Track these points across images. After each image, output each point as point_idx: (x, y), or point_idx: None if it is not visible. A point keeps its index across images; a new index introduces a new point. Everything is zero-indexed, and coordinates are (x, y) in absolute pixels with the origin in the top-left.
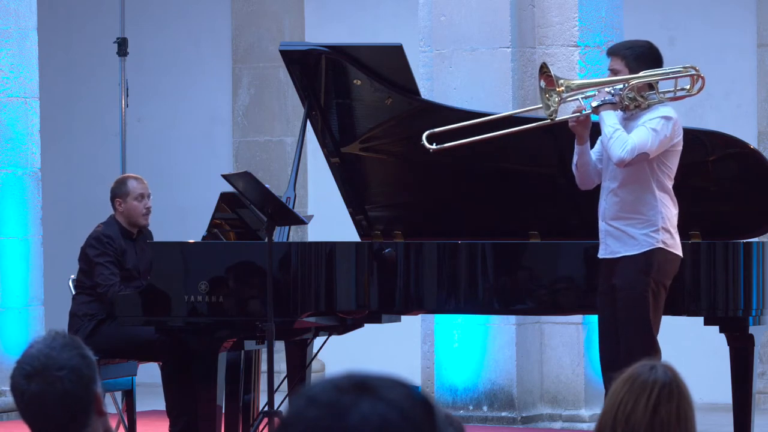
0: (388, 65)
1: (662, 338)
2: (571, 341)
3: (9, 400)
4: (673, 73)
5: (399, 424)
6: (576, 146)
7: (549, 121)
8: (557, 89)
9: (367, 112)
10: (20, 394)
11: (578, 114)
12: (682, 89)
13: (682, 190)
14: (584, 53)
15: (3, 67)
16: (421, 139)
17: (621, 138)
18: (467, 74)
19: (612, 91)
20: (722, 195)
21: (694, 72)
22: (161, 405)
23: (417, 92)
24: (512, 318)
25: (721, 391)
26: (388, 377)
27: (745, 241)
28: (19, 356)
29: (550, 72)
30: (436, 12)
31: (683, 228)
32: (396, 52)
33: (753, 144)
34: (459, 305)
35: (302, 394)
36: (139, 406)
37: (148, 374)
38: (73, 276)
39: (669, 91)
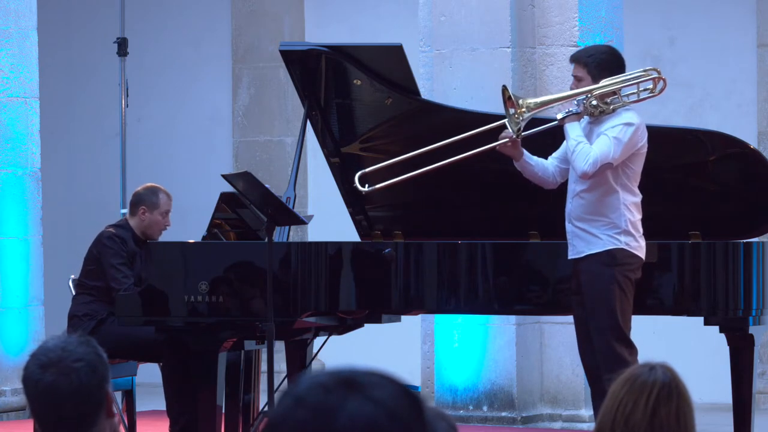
0: (388, 65)
1: (662, 338)
2: (571, 341)
3: (9, 399)
4: (635, 78)
5: (387, 425)
6: (515, 164)
7: (517, 138)
8: (518, 110)
9: (367, 112)
10: (34, 384)
11: (505, 140)
12: (645, 90)
13: (682, 190)
14: None
15: (3, 67)
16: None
17: (584, 151)
18: (467, 74)
19: (576, 101)
20: (722, 195)
21: (655, 74)
22: (161, 405)
23: (417, 92)
24: (512, 318)
25: (721, 391)
26: (376, 373)
27: (745, 241)
28: (32, 352)
29: (509, 93)
30: (436, 12)
31: (683, 228)
32: (396, 52)
33: (753, 144)
34: (459, 305)
35: (289, 393)
36: (139, 406)
37: (148, 374)
38: (73, 276)
39: (632, 94)
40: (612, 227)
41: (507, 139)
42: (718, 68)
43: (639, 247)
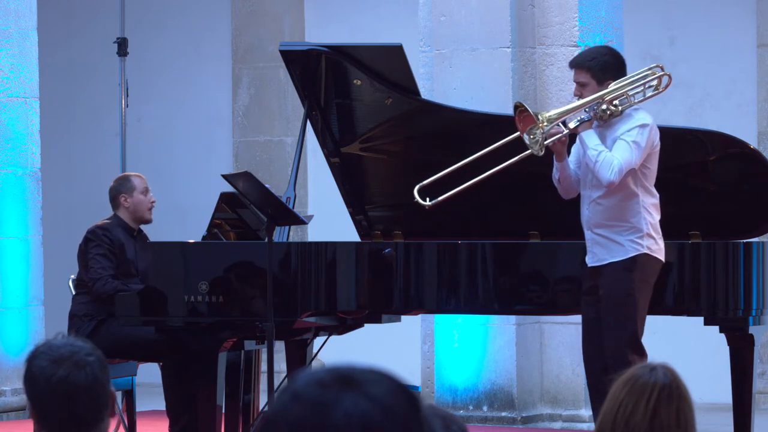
0: (388, 65)
1: (662, 338)
2: (571, 341)
3: (9, 399)
4: (641, 77)
5: (382, 421)
6: (556, 163)
7: (539, 153)
8: (539, 125)
9: (367, 112)
10: (46, 380)
11: (559, 135)
12: (651, 87)
13: (682, 190)
14: None
15: (3, 67)
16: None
17: (607, 160)
18: (467, 74)
19: (585, 108)
20: (722, 195)
21: (660, 72)
22: (161, 405)
23: (417, 92)
24: (512, 318)
25: (721, 391)
26: (373, 370)
27: (745, 241)
28: (36, 350)
29: (525, 108)
30: (436, 12)
31: (683, 228)
32: (396, 52)
33: (753, 144)
34: (459, 305)
35: (286, 389)
36: (139, 406)
37: (148, 374)
38: (73, 276)
39: (638, 93)
40: (633, 231)
41: (561, 135)
42: (718, 68)
43: (659, 249)
